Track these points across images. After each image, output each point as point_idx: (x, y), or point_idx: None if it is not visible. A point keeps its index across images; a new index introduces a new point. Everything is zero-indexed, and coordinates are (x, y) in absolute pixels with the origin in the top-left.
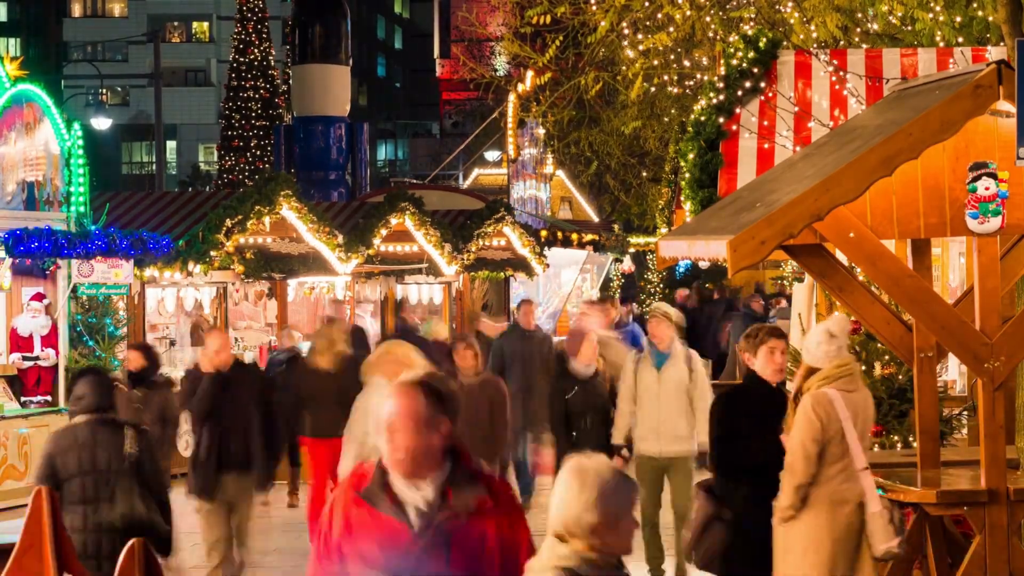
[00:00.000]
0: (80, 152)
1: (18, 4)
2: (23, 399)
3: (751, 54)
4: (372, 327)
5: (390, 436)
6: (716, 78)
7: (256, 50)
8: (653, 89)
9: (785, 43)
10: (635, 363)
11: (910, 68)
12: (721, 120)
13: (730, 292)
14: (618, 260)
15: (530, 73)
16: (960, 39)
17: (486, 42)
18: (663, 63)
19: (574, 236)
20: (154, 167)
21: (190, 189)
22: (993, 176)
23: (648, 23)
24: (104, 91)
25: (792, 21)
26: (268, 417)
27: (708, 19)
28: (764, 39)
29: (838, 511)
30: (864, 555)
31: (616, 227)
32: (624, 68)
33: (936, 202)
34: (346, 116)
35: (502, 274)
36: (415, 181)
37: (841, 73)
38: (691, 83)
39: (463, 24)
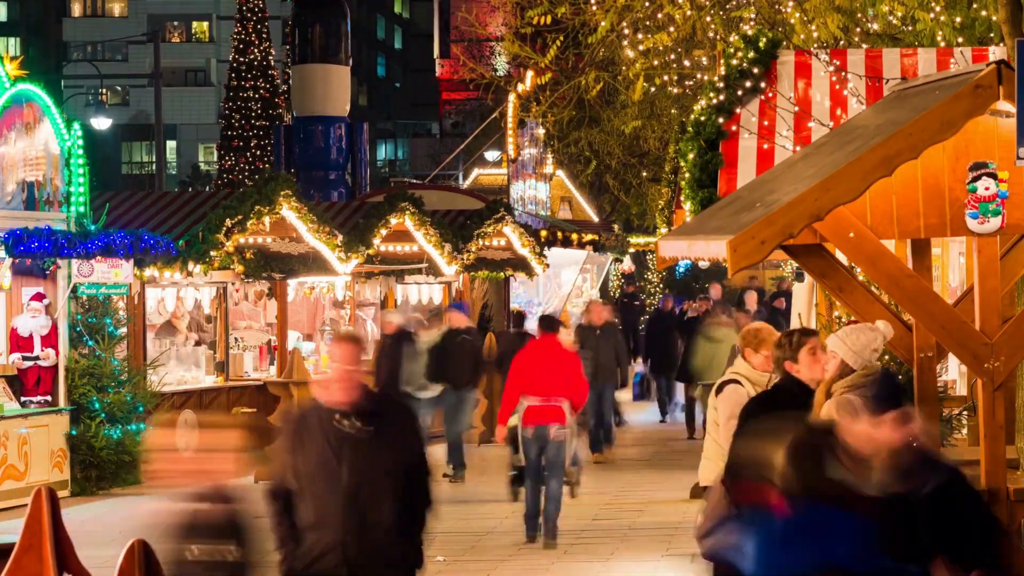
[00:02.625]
0: (80, 152)
1: (18, 4)
2: (23, 399)
3: (751, 54)
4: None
5: None
6: (716, 78)
7: (256, 50)
8: (653, 89)
9: (785, 43)
10: None
11: (910, 68)
12: (721, 120)
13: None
14: (618, 260)
15: (530, 73)
16: (961, 39)
17: (486, 42)
18: (663, 63)
19: (574, 236)
20: (154, 167)
21: (190, 189)
22: (993, 176)
23: (648, 23)
24: (104, 91)
25: (792, 21)
26: None
27: (708, 19)
28: (764, 39)
29: None
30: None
31: (616, 227)
32: (624, 68)
33: (936, 202)
34: (346, 116)
35: (502, 274)
36: (415, 181)
37: (842, 73)
38: (691, 83)
39: (463, 24)
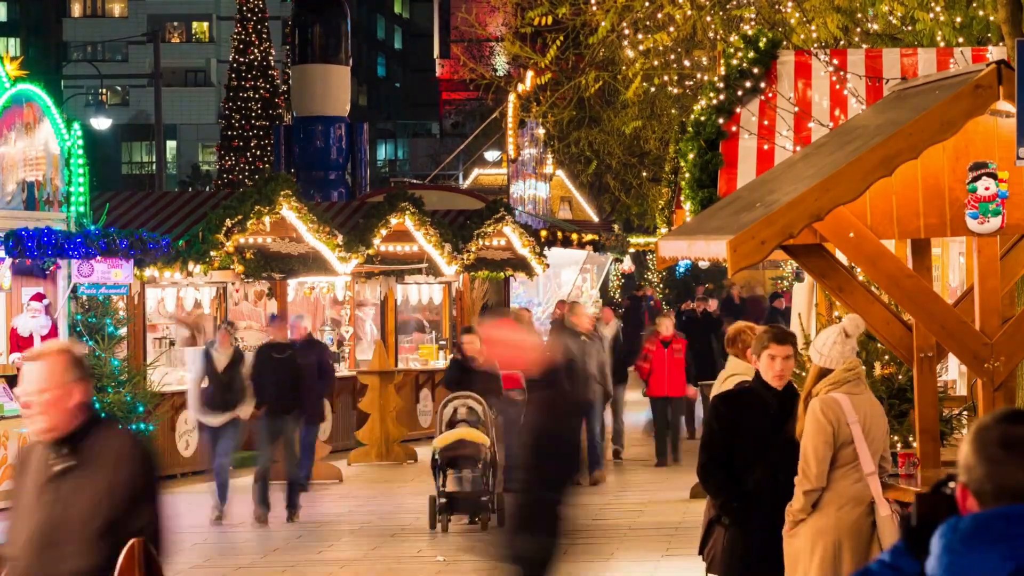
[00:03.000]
0: (80, 152)
1: (18, 4)
2: None
3: (751, 54)
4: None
5: None
6: (716, 78)
7: (256, 50)
8: (653, 89)
9: (785, 43)
10: None
11: (910, 68)
12: (721, 120)
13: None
14: (618, 260)
15: (530, 73)
16: (960, 39)
17: (486, 42)
18: (663, 63)
19: (574, 236)
20: (154, 167)
21: (190, 189)
22: (993, 176)
23: (648, 23)
24: (104, 91)
25: (792, 21)
26: None
27: (708, 19)
28: (764, 39)
29: (845, 511)
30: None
31: (616, 227)
32: (624, 68)
33: (936, 202)
34: (346, 116)
35: (502, 274)
36: (415, 181)
37: (841, 73)
38: (691, 83)
39: (463, 24)
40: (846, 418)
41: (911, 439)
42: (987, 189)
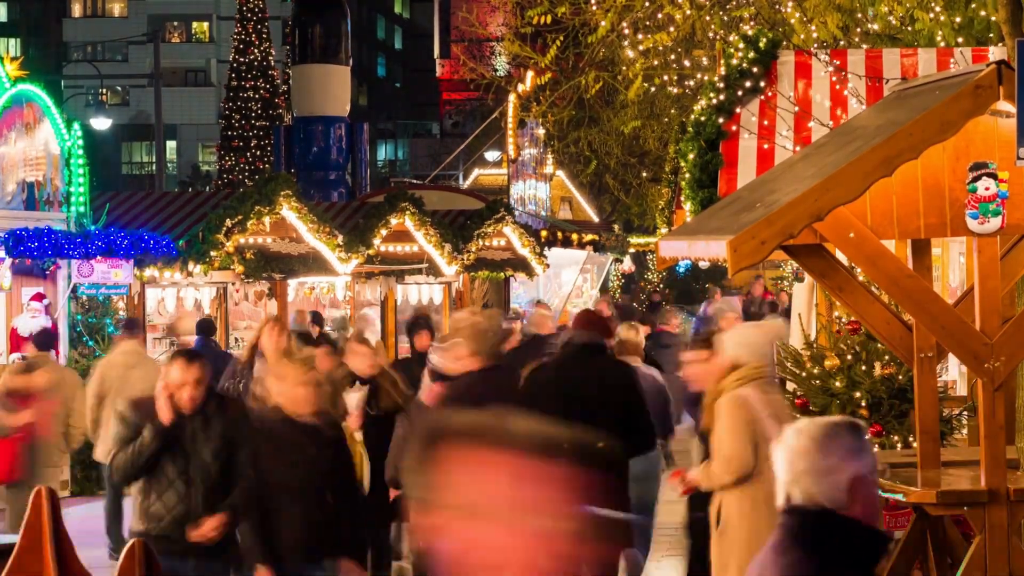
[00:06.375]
0: (80, 152)
1: (18, 4)
2: None
3: (751, 54)
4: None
5: None
6: (716, 78)
7: (256, 50)
8: (653, 89)
9: (785, 43)
10: None
11: (910, 68)
12: (721, 120)
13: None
14: (618, 260)
15: (530, 73)
16: (960, 39)
17: (486, 42)
18: (663, 63)
19: (574, 236)
20: (154, 167)
21: (190, 189)
22: (993, 176)
23: (648, 23)
24: (104, 91)
25: (792, 21)
26: None
27: (708, 19)
28: (764, 39)
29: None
30: None
31: (616, 227)
32: (624, 68)
33: (936, 202)
34: (346, 116)
35: (502, 274)
36: (415, 181)
37: (842, 73)
38: (691, 83)
39: (463, 24)
40: (756, 414)
41: (911, 439)
42: (987, 189)
